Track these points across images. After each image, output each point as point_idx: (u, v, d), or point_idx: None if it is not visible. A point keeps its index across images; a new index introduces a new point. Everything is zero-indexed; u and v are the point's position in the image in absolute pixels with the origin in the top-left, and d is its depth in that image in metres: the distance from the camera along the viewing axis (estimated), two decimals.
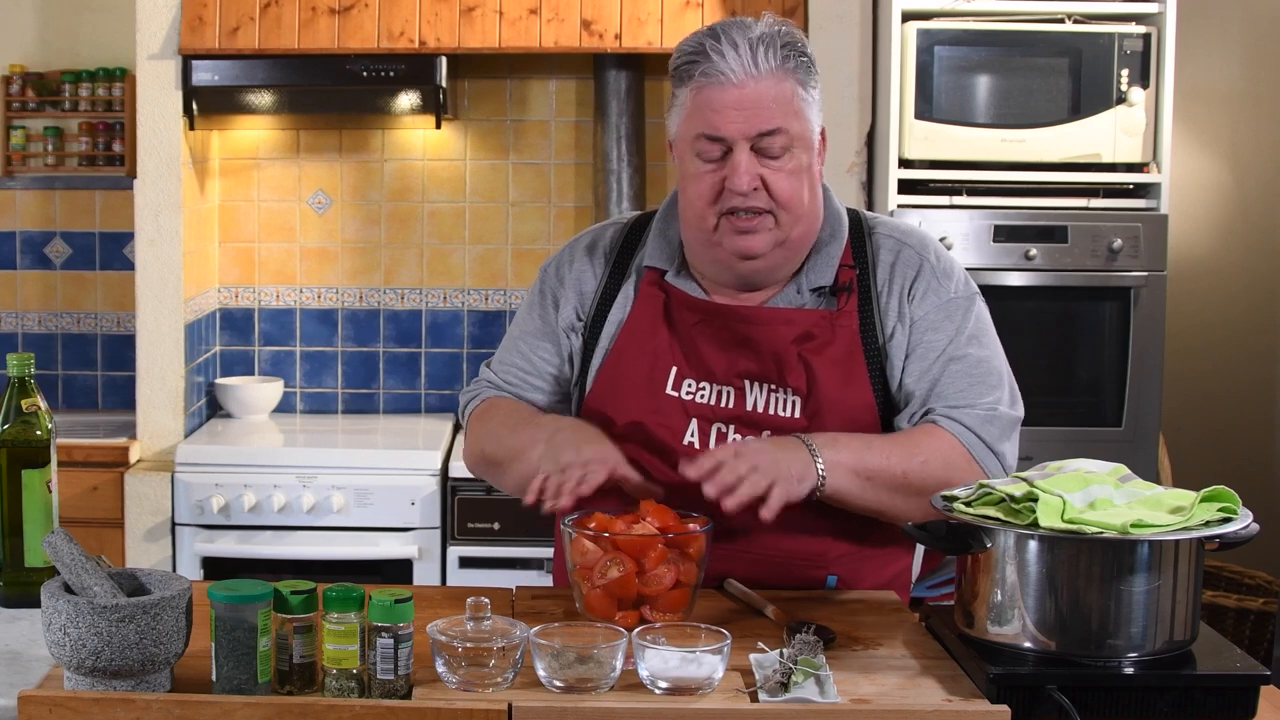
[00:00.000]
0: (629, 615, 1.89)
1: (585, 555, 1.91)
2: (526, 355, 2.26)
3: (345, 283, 4.34)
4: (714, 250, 2.11)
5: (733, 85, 2.04)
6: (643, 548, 1.90)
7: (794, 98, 2.07)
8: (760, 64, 2.04)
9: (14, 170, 4.30)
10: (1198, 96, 4.38)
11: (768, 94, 2.04)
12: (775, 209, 2.06)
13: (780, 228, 2.07)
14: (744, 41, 2.05)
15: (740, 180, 2.04)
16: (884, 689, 1.72)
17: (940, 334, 2.13)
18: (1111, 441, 3.63)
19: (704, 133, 2.06)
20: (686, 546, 1.92)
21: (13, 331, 4.38)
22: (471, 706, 1.63)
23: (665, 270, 2.18)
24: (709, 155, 2.07)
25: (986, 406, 2.10)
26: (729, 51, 2.04)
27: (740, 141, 2.04)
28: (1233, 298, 4.49)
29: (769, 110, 2.04)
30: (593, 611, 1.90)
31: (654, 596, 1.90)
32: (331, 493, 3.74)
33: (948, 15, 3.67)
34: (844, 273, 2.14)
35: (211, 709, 1.62)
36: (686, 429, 2.12)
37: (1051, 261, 3.63)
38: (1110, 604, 1.71)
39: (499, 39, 3.85)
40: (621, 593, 1.89)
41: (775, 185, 2.05)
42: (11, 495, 2.03)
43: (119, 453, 3.84)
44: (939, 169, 3.66)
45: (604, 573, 1.89)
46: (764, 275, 2.12)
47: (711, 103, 2.05)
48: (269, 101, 3.94)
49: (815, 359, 2.09)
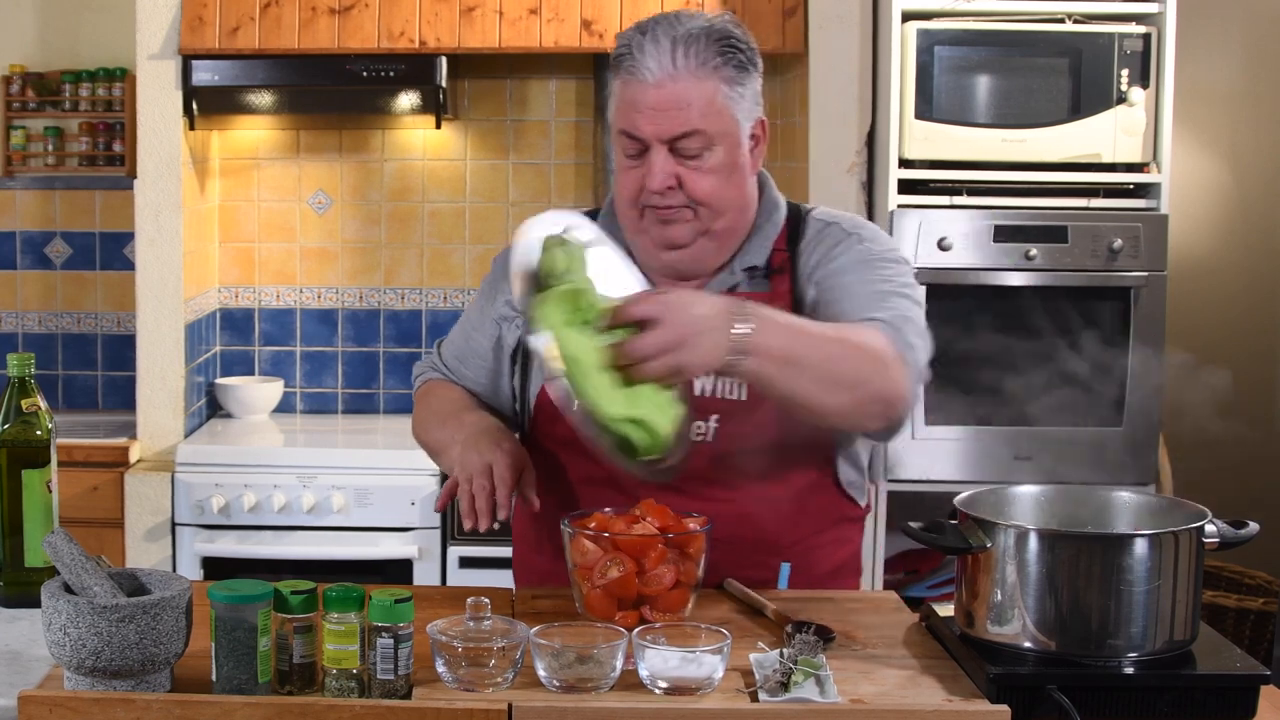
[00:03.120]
0: (629, 615, 1.89)
1: (585, 555, 1.91)
2: (465, 343, 2.33)
3: (345, 283, 4.34)
4: (641, 239, 2.14)
5: (651, 85, 2.04)
6: (643, 548, 1.90)
7: (715, 96, 2.05)
8: (679, 64, 2.04)
9: (14, 170, 4.30)
10: (1198, 96, 4.38)
11: (685, 95, 2.04)
12: (694, 205, 2.08)
13: (700, 220, 2.09)
14: (667, 39, 2.04)
15: (654, 180, 2.06)
16: (884, 689, 1.72)
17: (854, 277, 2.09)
18: (1112, 441, 3.63)
19: (624, 129, 2.08)
20: (686, 546, 1.92)
21: (13, 331, 4.38)
22: (471, 706, 1.63)
23: None
24: (629, 152, 2.09)
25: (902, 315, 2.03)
26: (650, 49, 2.04)
27: (656, 143, 2.05)
28: (1233, 298, 4.49)
29: (685, 112, 2.04)
30: (593, 611, 1.90)
31: (654, 596, 1.90)
32: (331, 493, 3.74)
33: (948, 15, 3.67)
34: (777, 255, 2.16)
35: (211, 709, 1.62)
36: None
37: (1051, 261, 3.63)
38: (1110, 604, 1.71)
39: (499, 39, 3.84)
40: (622, 593, 1.89)
41: (692, 184, 2.07)
42: (11, 495, 2.03)
43: (119, 453, 3.84)
44: (939, 169, 3.65)
45: (604, 573, 1.89)
46: (690, 264, 2.14)
47: (632, 101, 2.06)
48: (269, 101, 3.94)
49: None
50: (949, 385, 3.65)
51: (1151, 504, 1.92)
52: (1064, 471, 3.55)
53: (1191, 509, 1.83)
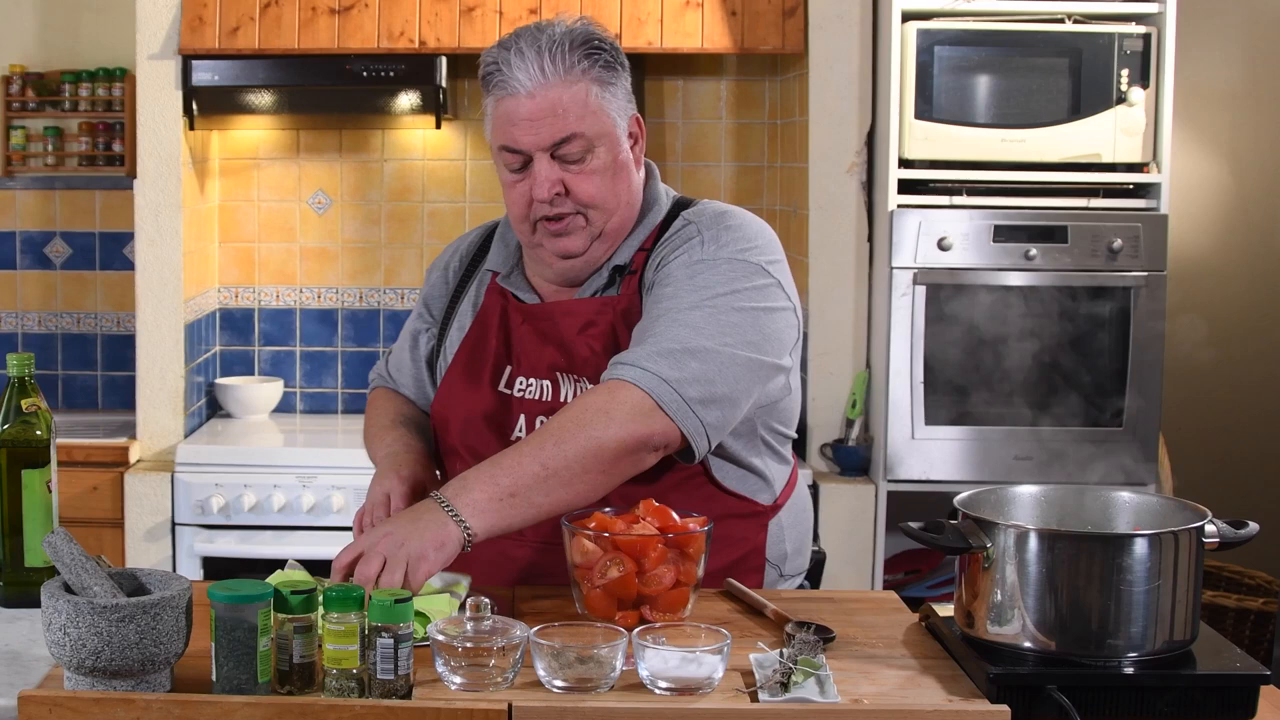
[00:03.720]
0: (629, 615, 1.89)
1: (585, 555, 1.91)
2: (398, 352, 2.42)
3: (345, 283, 4.34)
4: (537, 251, 2.17)
5: (525, 96, 2.07)
6: (643, 547, 1.90)
7: (588, 98, 2.08)
8: (548, 71, 2.06)
9: (14, 170, 4.30)
10: (1198, 96, 4.39)
11: (559, 101, 2.07)
12: (583, 209, 2.11)
13: (592, 224, 2.13)
14: (532, 50, 2.07)
15: (540, 189, 2.09)
16: (884, 689, 1.72)
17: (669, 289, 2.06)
18: (1111, 441, 3.63)
19: (504, 145, 2.11)
20: (686, 546, 1.92)
21: (13, 331, 4.38)
22: (471, 706, 1.63)
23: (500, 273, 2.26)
24: (513, 166, 2.12)
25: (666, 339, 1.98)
26: (517, 62, 2.07)
27: (538, 152, 2.08)
28: (1233, 298, 4.49)
29: (562, 118, 2.07)
30: (593, 611, 1.90)
31: (654, 596, 1.90)
32: (331, 493, 3.74)
33: (948, 15, 3.67)
34: (638, 255, 2.17)
35: (211, 709, 1.62)
36: (515, 424, 2.18)
37: (1051, 261, 3.63)
38: (1110, 604, 1.71)
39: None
40: (622, 593, 1.89)
41: (577, 188, 2.10)
42: (11, 495, 2.03)
43: (119, 453, 3.84)
44: (939, 169, 3.66)
45: (604, 573, 1.89)
46: (583, 271, 2.17)
47: (508, 115, 2.09)
48: (269, 101, 3.94)
49: (602, 343, 2.14)
50: (949, 385, 3.66)
51: (1151, 504, 1.92)
52: (1064, 471, 3.55)
53: (1191, 509, 1.83)
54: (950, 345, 3.64)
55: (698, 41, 3.85)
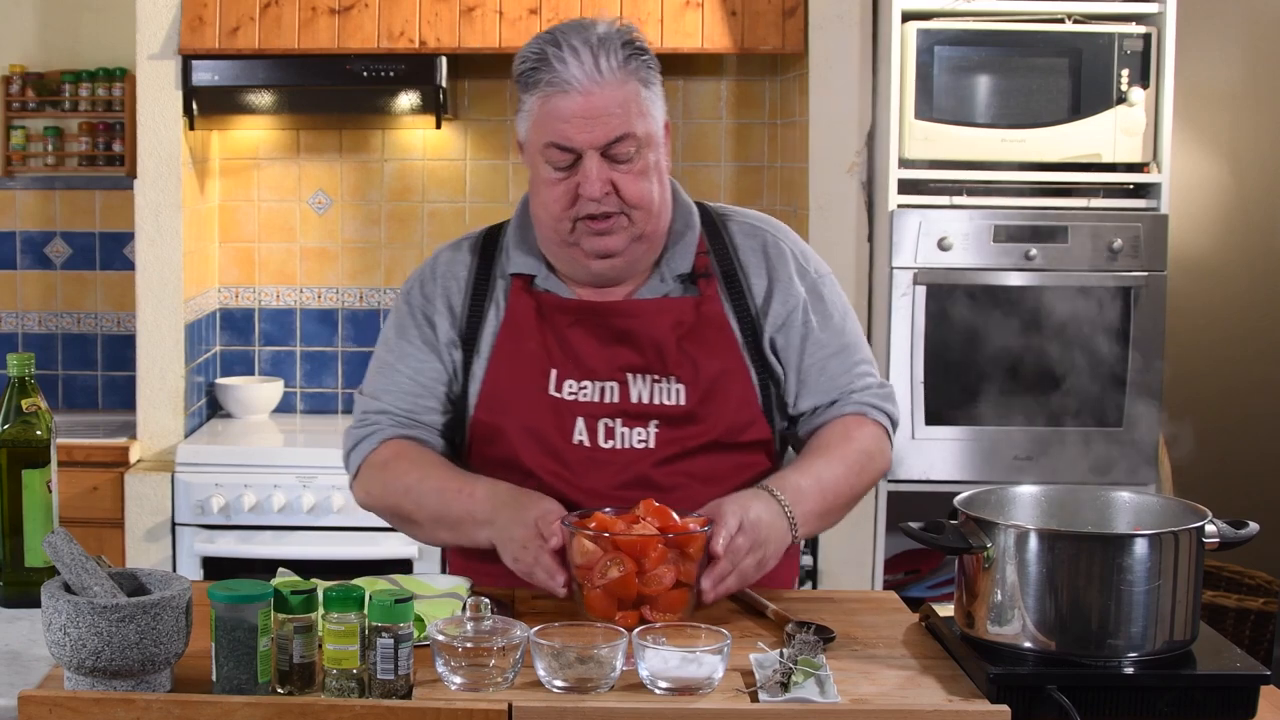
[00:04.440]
0: (629, 615, 1.89)
1: (586, 555, 1.91)
2: (414, 379, 2.22)
3: (345, 283, 4.34)
4: (571, 251, 2.14)
5: (578, 93, 2.06)
6: (643, 548, 1.90)
7: (638, 99, 2.09)
8: (603, 69, 2.06)
9: (14, 170, 4.30)
10: (1198, 96, 4.38)
11: (613, 100, 2.06)
12: (628, 210, 2.10)
13: (634, 225, 2.11)
14: (585, 47, 2.06)
15: (592, 188, 2.07)
16: (884, 689, 1.72)
17: (818, 315, 2.22)
18: (1112, 441, 3.63)
19: (554, 142, 2.08)
20: (686, 546, 1.92)
21: (13, 331, 4.38)
22: (471, 706, 1.63)
23: (533, 275, 2.20)
24: (560, 164, 2.09)
25: (879, 384, 2.25)
26: (571, 59, 2.06)
27: (589, 150, 2.07)
28: (1233, 298, 4.49)
29: (616, 117, 2.06)
30: (593, 611, 1.90)
31: (654, 596, 1.90)
32: (331, 493, 3.74)
33: (948, 15, 3.67)
34: (700, 260, 2.19)
35: (211, 709, 1.62)
36: (574, 428, 2.14)
37: (1051, 261, 3.63)
38: (1110, 604, 1.71)
39: (499, 39, 3.84)
40: (622, 593, 1.90)
41: (626, 188, 2.08)
42: (11, 495, 2.03)
43: (119, 453, 3.84)
44: (939, 169, 3.65)
45: (604, 573, 1.89)
46: (622, 271, 2.16)
47: (559, 112, 2.07)
48: (269, 101, 3.94)
49: (691, 344, 2.14)
50: (949, 385, 3.66)
51: (1151, 504, 1.92)
52: (1064, 471, 3.55)
53: (1191, 509, 1.83)
54: (950, 345, 3.64)
55: (698, 41, 3.85)
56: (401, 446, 2.20)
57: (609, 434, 2.14)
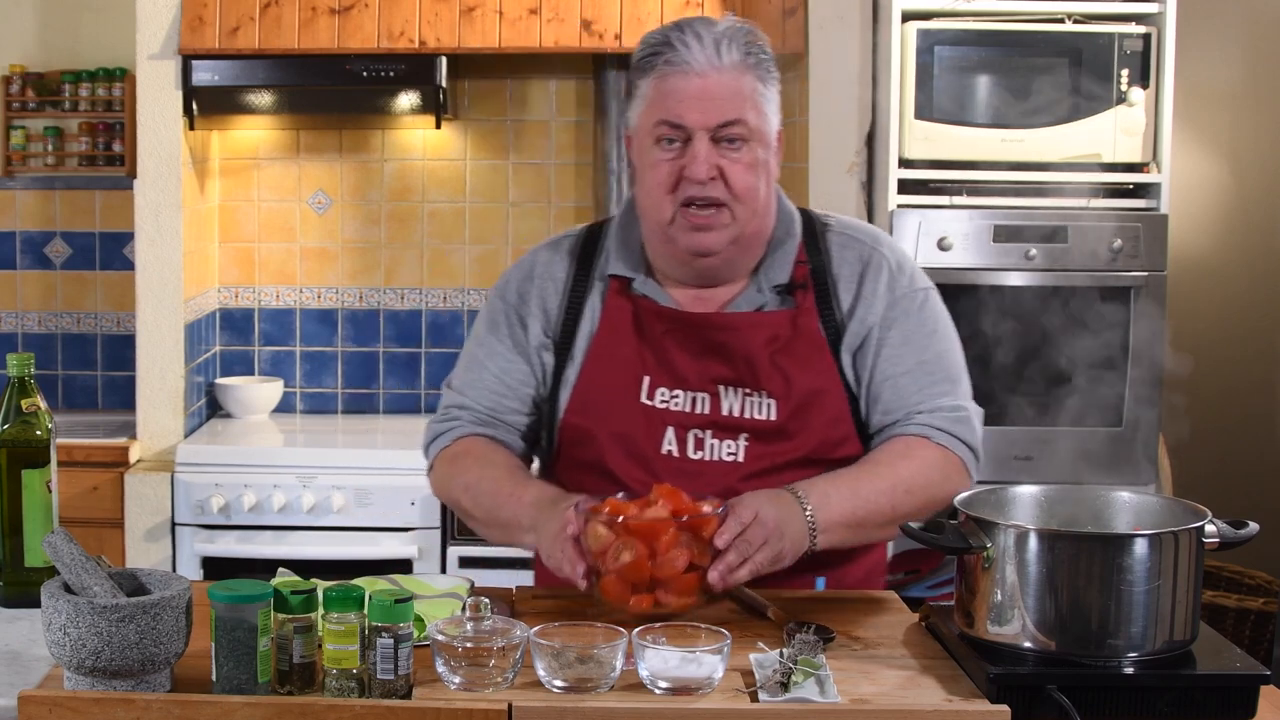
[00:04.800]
0: (643, 599, 1.89)
1: (598, 540, 1.90)
2: (500, 378, 2.23)
3: (345, 283, 4.34)
4: (669, 246, 2.13)
5: (695, 74, 2.06)
6: (654, 531, 1.89)
7: (754, 93, 2.09)
8: (723, 56, 2.07)
9: (14, 170, 4.30)
10: (1198, 96, 4.38)
11: (729, 86, 2.07)
12: (731, 201, 2.08)
13: (736, 222, 2.09)
14: (708, 34, 2.08)
15: (699, 169, 2.06)
16: (884, 689, 1.72)
17: (898, 331, 2.16)
18: (1112, 441, 3.63)
19: (665, 119, 2.08)
20: (700, 530, 1.91)
21: (13, 331, 4.38)
22: (471, 706, 1.63)
23: (631, 278, 2.19)
24: (669, 144, 2.08)
25: (953, 407, 2.15)
26: (693, 43, 2.07)
27: (700, 131, 2.06)
28: (1233, 298, 4.48)
29: (730, 102, 2.06)
30: (607, 596, 1.91)
31: (667, 580, 1.89)
32: (331, 493, 3.74)
33: (948, 15, 3.67)
34: (799, 270, 2.17)
35: (211, 709, 1.62)
36: (664, 437, 2.13)
37: (1051, 261, 3.63)
38: (1110, 604, 1.71)
39: (499, 39, 3.84)
40: (634, 576, 1.89)
41: (733, 176, 2.07)
42: (11, 495, 2.03)
43: (119, 453, 3.84)
44: (939, 169, 3.65)
45: (616, 557, 1.88)
46: (721, 271, 2.15)
47: (674, 91, 2.07)
48: (269, 101, 3.94)
49: (785, 359, 2.12)
50: None
51: (1151, 504, 1.92)
52: (1064, 471, 3.55)
53: (1191, 509, 1.83)
54: None
55: None
56: (473, 444, 2.22)
57: (698, 445, 2.13)
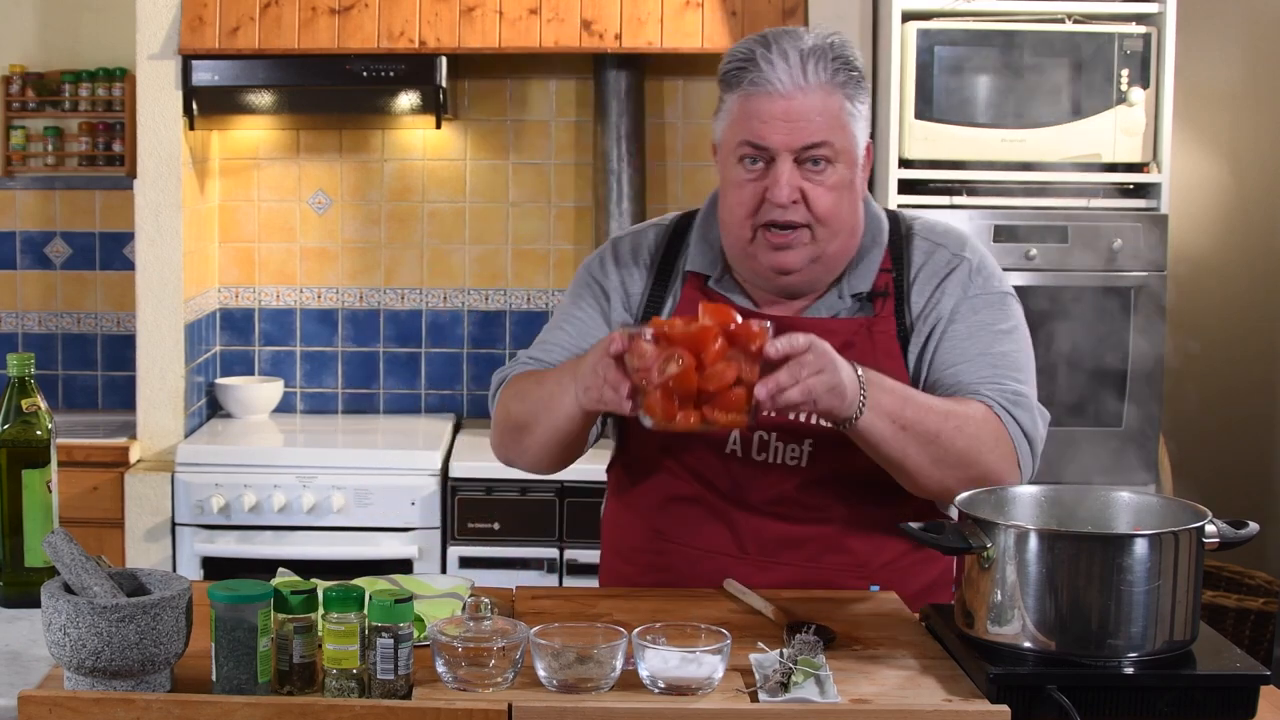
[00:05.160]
0: (690, 414, 1.83)
1: (643, 356, 1.84)
2: (577, 339, 2.20)
3: (345, 283, 4.34)
4: (750, 262, 2.11)
5: (780, 96, 2.03)
6: (701, 339, 1.82)
7: (841, 112, 2.06)
8: (810, 76, 2.04)
9: (14, 170, 4.30)
10: (1198, 96, 4.38)
11: (815, 107, 2.03)
12: (813, 223, 2.05)
13: (816, 242, 2.07)
14: (795, 52, 2.04)
15: (780, 193, 2.03)
16: (884, 689, 1.72)
17: (965, 324, 2.11)
18: (1112, 441, 3.63)
19: (748, 140, 2.05)
20: (748, 343, 1.84)
21: (13, 331, 4.38)
22: (471, 706, 1.63)
23: (708, 276, 2.18)
24: (751, 164, 2.06)
25: (1016, 392, 2.07)
26: (779, 62, 2.04)
27: (783, 153, 2.03)
28: (1233, 298, 4.49)
29: (815, 124, 2.03)
30: (652, 414, 1.84)
31: (714, 394, 1.82)
32: (331, 493, 3.74)
33: (948, 15, 3.67)
34: (881, 277, 2.14)
35: (211, 709, 1.62)
36: (730, 437, 2.12)
37: (1051, 261, 3.63)
38: (1110, 604, 1.71)
39: (499, 39, 3.85)
40: (682, 389, 1.82)
41: (815, 199, 2.04)
42: (11, 495, 2.03)
43: (119, 453, 3.84)
44: (939, 169, 3.66)
45: (662, 369, 1.82)
46: (800, 286, 2.12)
47: (758, 112, 2.04)
48: (269, 101, 3.94)
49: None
50: None
51: (1151, 504, 1.92)
52: (1064, 471, 3.55)
53: (1191, 509, 1.83)
54: None
55: (698, 41, 3.85)
56: (527, 373, 2.19)
57: (762, 447, 2.11)
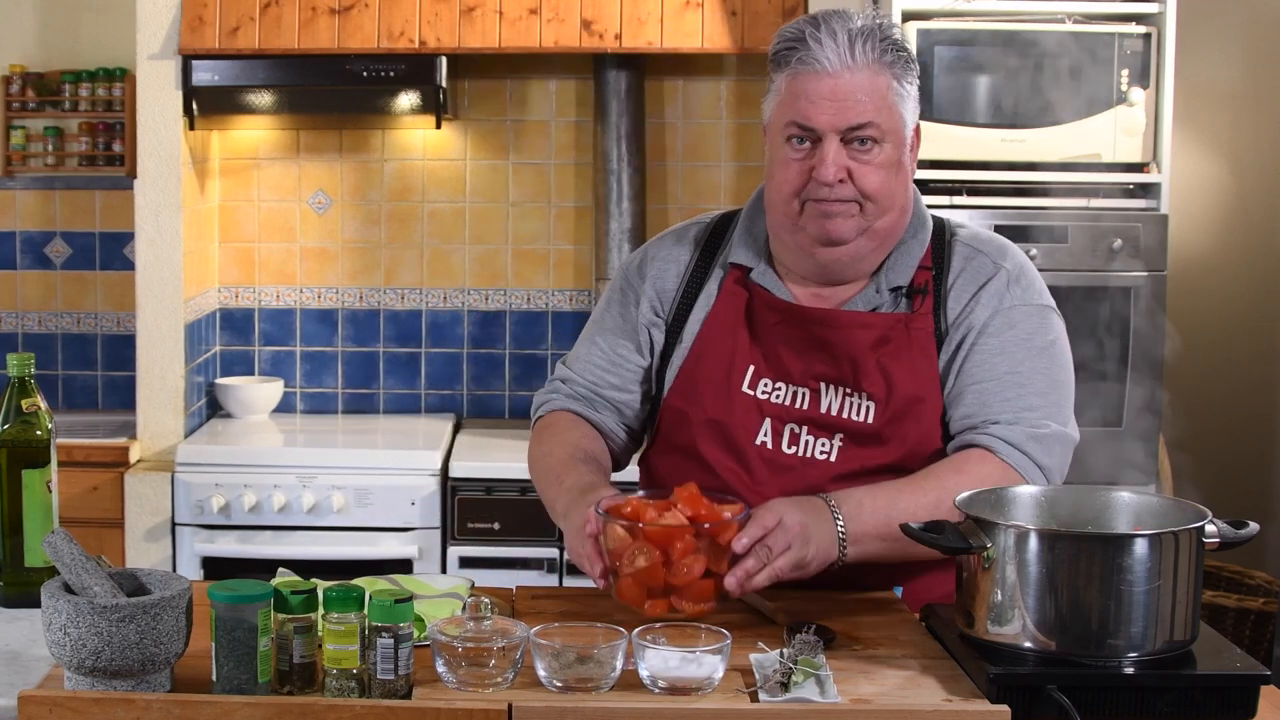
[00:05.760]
0: (658, 603, 1.88)
1: (616, 541, 1.89)
2: (607, 353, 2.25)
3: (345, 283, 4.34)
4: (797, 236, 2.11)
5: (828, 75, 2.04)
6: (669, 537, 1.87)
7: (888, 92, 2.06)
8: (858, 56, 2.04)
9: (14, 170, 4.30)
10: (1198, 96, 4.38)
11: (862, 86, 2.04)
12: (861, 200, 2.06)
13: (865, 216, 2.07)
14: (844, 32, 2.05)
15: (827, 171, 2.04)
16: (884, 689, 1.72)
17: (998, 339, 2.10)
18: (1112, 441, 3.63)
19: (795, 120, 2.07)
20: (718, 536, 1.89)
21: (13, 331, 4.38)
22: (471, 706, 1.63)
23: (750, 267, 2.18)
24: (799, 144, 2.08)
25: (1034, 421, 2.07)
26: (828, 41, 2.04)
27: (830, 133, 2.05)
28: (1233, 298, 4.49)
29: (862, 103, 2.04)
30: (623, 598, 1.90)
31: (681, 586, 1.88)
32: (331, 493, 3.74)
33: (948, 15, 3.67)
34: (920, 274, 2.13)
35: (211, 709, 1.62)
36: (760, 428, 2.12)
37: (1051, 261, 3.63)
38: (1110, 604, 1.71)
39: (499, 39, 3.85)
40: (649, 581, 1.88)
41: (862, 178, 2.05)
42: (11, 495, 2.03)
43: (119, 453, 3.84)
44: (939, 169, 3.65)
45: (631, 561, 1.88)
46: (847, 265, 2.12)
47: (806, 91, 2.06)
48: (269, 101, 3.95)
49: (891, 364, 2.09)
50: None
51: (1151, 504, 1.92)
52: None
53: (1191, 509, 1.83)
54: None
55: (698, 41, 3.85)
56: (558, 418, 2.25)
57: (793, 440, 2.12)
